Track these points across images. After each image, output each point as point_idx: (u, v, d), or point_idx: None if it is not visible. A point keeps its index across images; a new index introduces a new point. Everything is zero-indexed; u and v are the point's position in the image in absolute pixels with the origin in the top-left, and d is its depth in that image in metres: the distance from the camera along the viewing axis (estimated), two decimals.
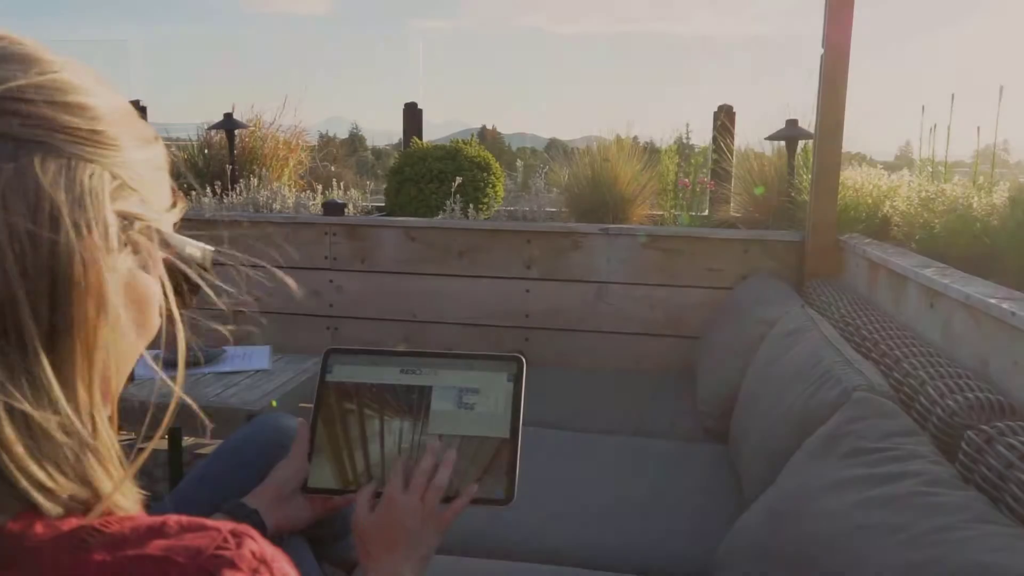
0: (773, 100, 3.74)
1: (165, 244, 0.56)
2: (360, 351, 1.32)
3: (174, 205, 0.61)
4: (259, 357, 2.56)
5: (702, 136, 4.38)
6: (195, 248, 0.63)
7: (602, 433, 2.41)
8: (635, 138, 4.04)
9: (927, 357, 1.74)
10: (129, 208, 0.51)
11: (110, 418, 0.53)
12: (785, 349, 1.95)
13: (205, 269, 0.65)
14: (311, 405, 1.27)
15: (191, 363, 2.46)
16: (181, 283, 0.61)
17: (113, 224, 0.49)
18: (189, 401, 0.60)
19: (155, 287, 0.55)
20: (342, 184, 4.16)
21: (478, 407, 1.20)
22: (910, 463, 1.17)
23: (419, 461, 1.06)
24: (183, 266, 0.61)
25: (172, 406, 0.60)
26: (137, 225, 0.52)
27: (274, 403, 3.32)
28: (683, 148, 3.99)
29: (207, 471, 1.31)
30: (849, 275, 2.80)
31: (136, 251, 0.52)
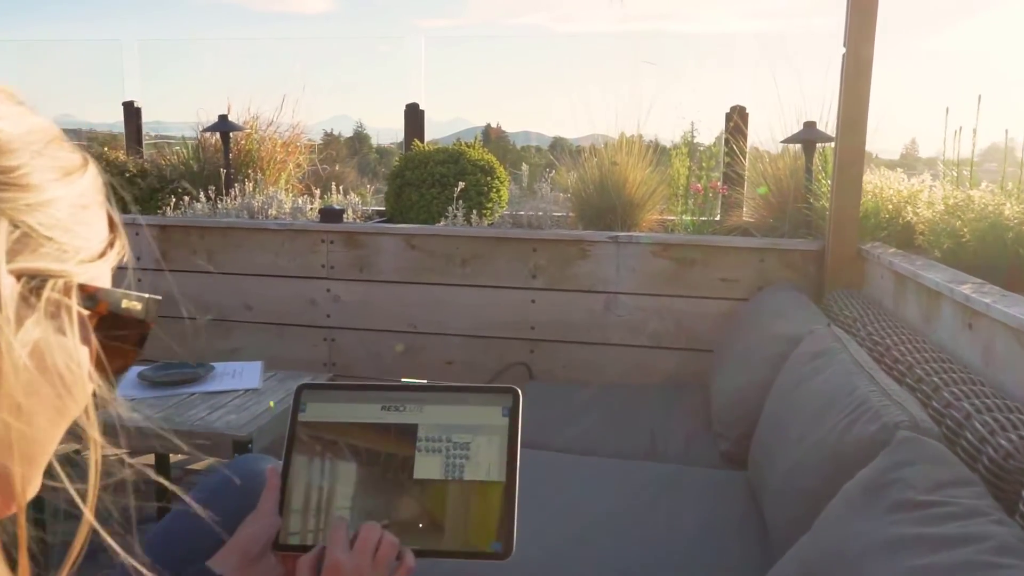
0: (787, 99, 3.58)
1: (93, 299, 0.45)
2: (337, 386, 1.19)
3: (111, 246, 0.49)
4: (250, 374, 2.43)
5: (710, 135, 4.27)
6: (135, 300, 0.50)
7: (612, 457, 2.27)
8: (641, 136, 3.90)
9: (969, 385, 1.60)
10: (39, 264, 0.41)
11: (15, 519, 0.43)
12: (812, 373, 1.81)
13: (149, 325, 0.53)
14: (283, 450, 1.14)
15: (177, 382, 2.33)
16: (117, 344, 0.49)
17: (9, 288, 0.39)
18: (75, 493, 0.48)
19: (80, 353, 0.44)
20: (341, 188, 4.02)
21: (469, 447, 1.08)
22: (971, 523, 1.02)
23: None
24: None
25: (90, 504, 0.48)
26: (52, 282, 0.42)
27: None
28: (692, 150, 3.84)
29: (171, 526, 1.18)
30: (873, 287, 2.65)
31: (50, 314, 0.42)
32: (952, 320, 1.95)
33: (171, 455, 2.63)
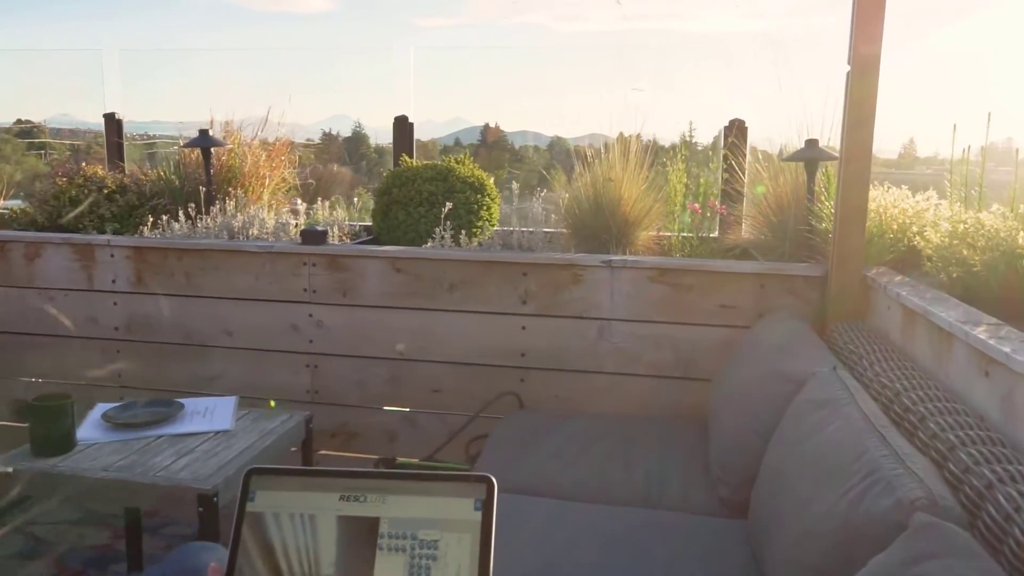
0: (789, 101, 3.46)
1: None
2: (290, 471, 1.06)
3: None
4: (222, 413, 2.30)
5: (708, 135, 4.22)
6: None
7: (605, 503, 2.14)
8: (639, 136, 3.77)
9: (989, 446, 1.47)
10: None
11: None
12: (818, 425, 1.68)
13: None
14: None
15: (144, 423, 2.20)
16: None
17: None
18: None
19: None
20: (327, 204, 3.90)
21: (437, 546, 0.95)
22: None
23: None
24: None
25: None
26: None
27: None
28: (690, 166, 3.70)
29: None
30: (879, 317, 2.52)
31: None
32: (967, 365, 1.82)
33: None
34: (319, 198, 4.05)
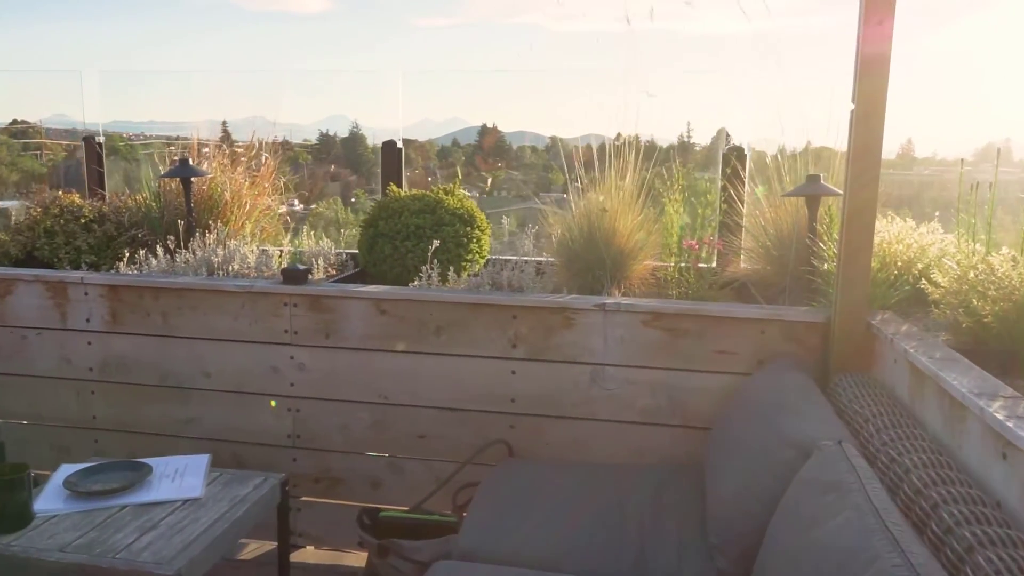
0: (787, 107, 3.37)
1: None
2: None
3: None
4: (192, 477, 2.17)
5: (705, 136, 4.19)
6: None
7: (596, 575, 2.03)
8: (637, 137, 3.66)
9: (1011, 549, 1.35)
10: None
11: None
12: (824, 513, 1.56)
13: None
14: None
15: (108, 491, 2.08)
16: None
17: None
18: None
19: None
20: (312, 233, 3.77)
21: None
22: None
23: None
24: None
25: None
26: None
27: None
28: (688, 195, 3.58)
29: None
30: (885, 372, 2.40)
31: None
32: (982, 442, 1.70)
33: None
34: (305, 226, 3.93)
